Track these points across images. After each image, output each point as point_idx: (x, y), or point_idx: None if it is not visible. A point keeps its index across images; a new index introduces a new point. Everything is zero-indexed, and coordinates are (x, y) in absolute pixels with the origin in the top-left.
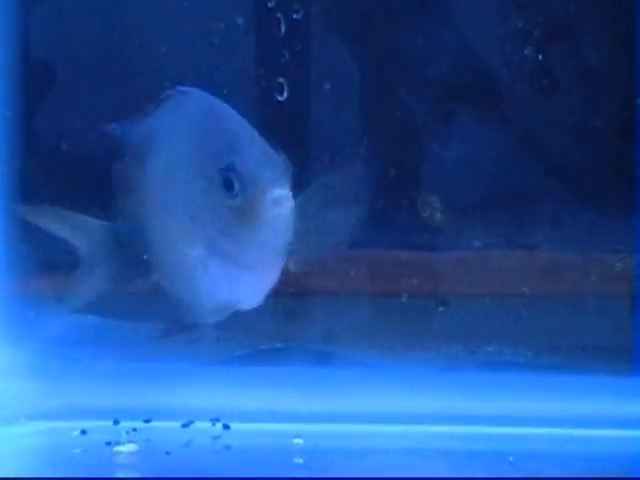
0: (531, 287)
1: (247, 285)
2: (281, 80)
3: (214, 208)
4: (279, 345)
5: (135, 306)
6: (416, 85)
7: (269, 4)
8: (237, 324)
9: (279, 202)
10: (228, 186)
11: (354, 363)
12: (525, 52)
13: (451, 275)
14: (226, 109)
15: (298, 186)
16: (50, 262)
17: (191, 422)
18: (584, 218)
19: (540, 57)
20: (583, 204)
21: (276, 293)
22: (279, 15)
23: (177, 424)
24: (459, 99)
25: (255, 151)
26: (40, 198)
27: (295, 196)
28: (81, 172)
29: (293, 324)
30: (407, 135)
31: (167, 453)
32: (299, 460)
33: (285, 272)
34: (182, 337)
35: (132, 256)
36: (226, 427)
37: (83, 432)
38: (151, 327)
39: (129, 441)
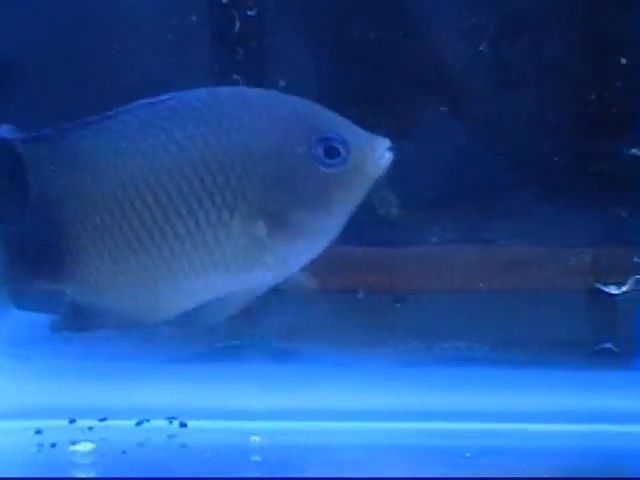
0: (488, 282)
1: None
2: (236, 77)
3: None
4: (236, 342)
5: None
6: (373, 80)
7: (223, 1)
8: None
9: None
10: (331, 154)
11: (311, 360)
12: (481, 48)
13: (408, 271)
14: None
15: None
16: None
17: (147, 420)
18: (541, 213)
19: (498, 52)
20: (540, 199)
21: None
22: (234, 12)
23: (133, 422)
24: (417, 94)
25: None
26: None
27: None
28: None
29: (250, 321)
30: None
31: (123, 452)
32: (256, 458)
33: None
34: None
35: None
36: (183, 425)
37: (38, 431)
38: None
39: (85, 440)
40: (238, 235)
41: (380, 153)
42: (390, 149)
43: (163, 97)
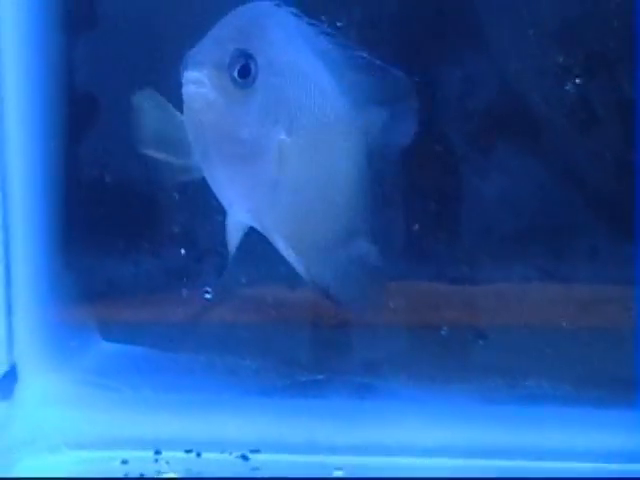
0: (569, 320)
1: None
2: None
3: None
4: (319, 377)
5: (175, 336)
6: (455, 117)
7: None
8: (277, 355)
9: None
10: None
11: (394, 395)
12: (564, 86)
13: (490, 308)
14: None
15: None
16: (92, 292)
17: (230, 452)
18: (622, 251)
19: (578, 91)
20: (621, 237)
21: (316, 325)
22: None
23: (216, 454)
24: (498, 132)
25: None
26: (82, 229)
27: None
28: (124, 202)
29: (333, 356)
30: (446, 167)
31: None
32: None
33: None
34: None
35: None
36: (265, 458)
37: (124, 462)
38: (188, 357)
39: (171, 471)
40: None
41: (185, 80)
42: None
43: None
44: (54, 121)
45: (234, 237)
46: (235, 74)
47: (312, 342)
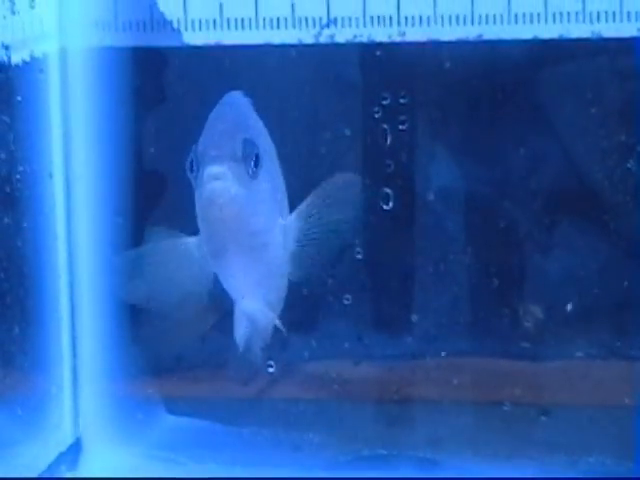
0: (633, 398)
1: None
2: (387, 190)
3: None
4: (382, 451)
5: (240, 411)
6: (519, 195)
7: (376, 115)
8: (340, 430)
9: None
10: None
11: (457, 470)
12: (629, 165)
13: (553, 385)
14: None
15: None
16: (158, 365)
17: None
18: None
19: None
20: None
21: (379, 400)
22: (385, 126)
23: None
24: (562, 210)
25: None
26: None
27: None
28: None
29: (396, 431)
30: (510, 245)
31: None
32: None
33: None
34: None
35: None
36: None
37: None
38: (253, 431)
39: None
40: None
41: (207, 177)
42: None
43: None
44: (122, 198)
45: (241, 328)
46: (251, 165)
47: (375, 417)
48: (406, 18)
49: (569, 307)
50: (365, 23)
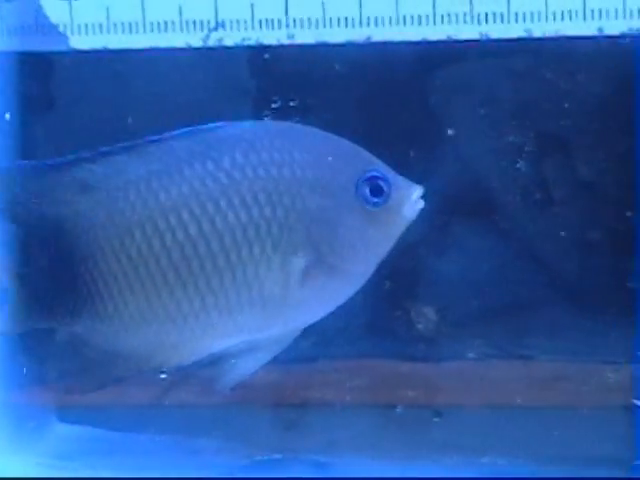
0: (526, 398)
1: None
2: None
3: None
4: (276, 456)
5: (134, 417)
6: None
7: (266, 118)
8: (237, 434)
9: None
10: (376, 192)
11: (352, 474)
12: (518, 165)
13: (446, 386)
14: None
15: None
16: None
17: None
18: (579, 329)
19: (535, 170)
20: (578, 315)
21: (277, 404)
22: None
23: None
24: (454, 211)
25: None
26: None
27: None
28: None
29: (293, 435)
30: (403, 246)
31: None
32: None
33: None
34: None
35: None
36: None
37: None
38: (149, 438)
39: None
40: (278, 270)
41: (416, 197)
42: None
43: (212, 125)
44: None
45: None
46: None
47: (272, 422)
48: (294, 20)
49: (462, 308)
50: (254, 26)
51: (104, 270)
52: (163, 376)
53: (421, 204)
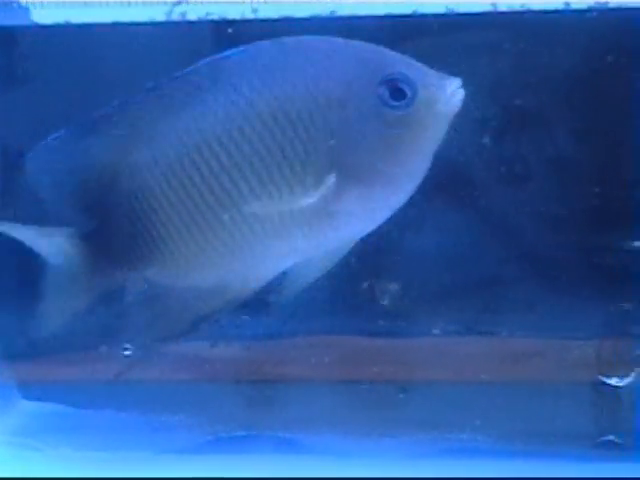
0: (491, 374)
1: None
2: None
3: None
4: (240, 432)
5: (95, 394)
6: None
7: None
8: (199, 411)
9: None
10: (397, 95)
11: (316, 450)
12: (487, 141)
13: (411, 362)
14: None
15: None
16: (12, 350)
17: None
18: (544, 305)
19: (502, 145)
20: (543, 292)
21: (238, 381)
22: None
23: None
24: (423, 186)
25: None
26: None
27: None
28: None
29: (255, 411)
30: None
31: None
32: None
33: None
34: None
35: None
36: None
37: None
38: (110, 415)
39: None
40: (312, 187)
41: (451, 91)
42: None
43: (227, 53)
44: None
45: None
46: None
47: (234, 398)
48: None
49: (427, 284)
50: (217, 0)
51: (159, 212)
52: (127, 352)
53: (461, 94)
